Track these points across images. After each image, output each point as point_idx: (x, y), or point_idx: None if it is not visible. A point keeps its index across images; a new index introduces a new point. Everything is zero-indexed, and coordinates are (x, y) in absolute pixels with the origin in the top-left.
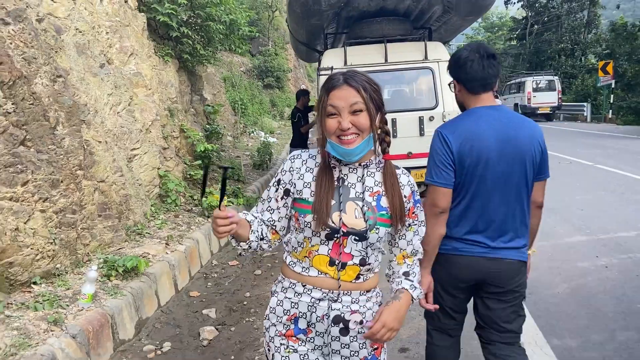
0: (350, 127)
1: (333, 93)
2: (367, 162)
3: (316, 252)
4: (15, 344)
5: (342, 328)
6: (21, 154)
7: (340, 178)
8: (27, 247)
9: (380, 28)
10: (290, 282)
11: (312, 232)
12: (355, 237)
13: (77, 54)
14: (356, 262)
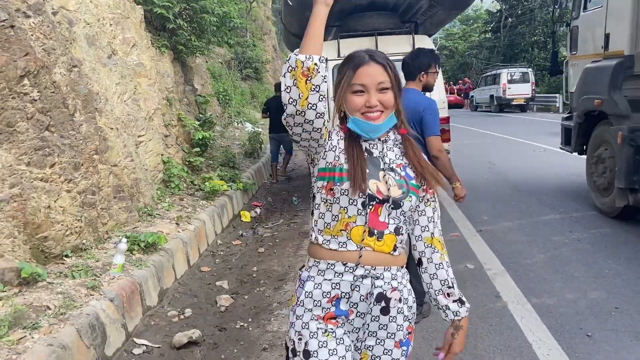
0: (377, 105)
1: (361, 70)
2: (385, 138)
3: (353, 223)
4: (63, 305)
5: (383, 307)
6: (47, 138)
7: (367, 150)
8: (58, 223)
9: (371, 22)
10: (328, 263)
11: (348, 200)
12: (392, 205)
13: (88, 45)
14: (392, 230)
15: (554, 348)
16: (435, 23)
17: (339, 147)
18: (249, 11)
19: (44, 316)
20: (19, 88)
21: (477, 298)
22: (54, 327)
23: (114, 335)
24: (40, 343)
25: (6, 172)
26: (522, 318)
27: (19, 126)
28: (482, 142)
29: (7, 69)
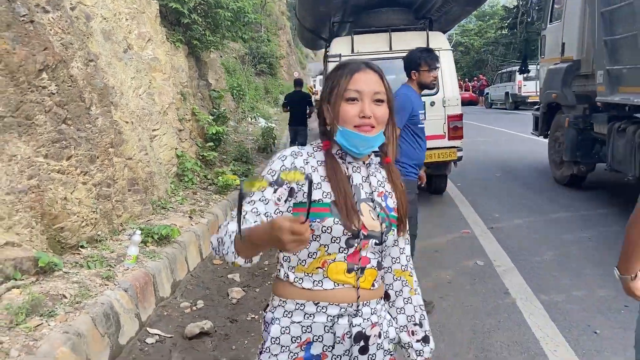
0: (371, 116)
1: (356, 76)
2: (369, 161)
3: (332, 260)
4: (78, 295)
5: (362, 347)
6: (64, 131)
7: (348, 177)
8: (74, 214)
9: (385, 18)
10: (296, 304)
11: (331, 238)
12: (376, 241)
13: (104, 40)
14: (374, 264)
15: (561, 344)
16: (450, 19)
17: (317, 174)
18: (263, 6)
19: (60, 304)
20: (38, 82)
21: (486, 294)
22: (70, 315)
23: (127, 325)
24: (56, 330)
25: (24, 164)
26: (530, 314)
27: (37, 119)
28: (496, 140)
29: (26, 63)
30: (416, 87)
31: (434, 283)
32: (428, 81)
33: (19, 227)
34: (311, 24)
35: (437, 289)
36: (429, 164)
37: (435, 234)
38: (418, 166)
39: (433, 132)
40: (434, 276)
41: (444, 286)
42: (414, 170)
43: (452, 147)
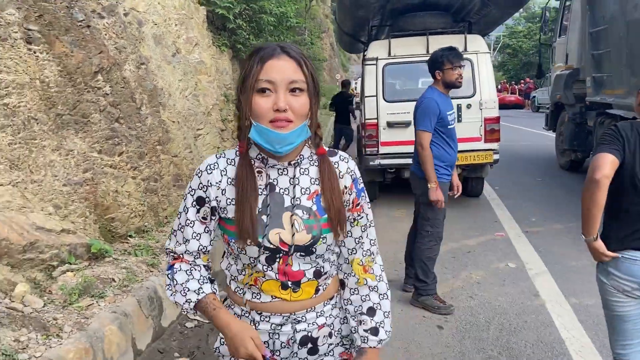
0: (286, 109)
1: (269, 63)
2: (298, 159)
3: (263, 278)
4: (126, 279)
5: (310, 348)
6: (117, 129)
7: (268, 185)
8: (124, 206)
9: (423, 21)
10: (242, 310)
11: (249, 258)
12: (301, 253)
13: (155, 44)
14: (310, 277)
15: (586, 345)
16: (490, 22)
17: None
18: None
19: (109, 287)
20: (94, 83)
21: (515, 296)
22: (118, 297)
23: (169, 309)
24: (105, 310)
25: (80, 158)
26: (558, 316)
27: (92, 117)
28: (540, 144)
29: (83, 65)
30: (442, 88)
31: (463, 283)
32: (453, 79)
33: (74, 215)
34: (350, 28)
35: (466, 289)
36: (465, 166)
37: (468, 235)
38: (450, 167)
39: (469, 134)
40: (463, 276)
41: (472, 286)
42: (446, 172)
43: (489, 150)
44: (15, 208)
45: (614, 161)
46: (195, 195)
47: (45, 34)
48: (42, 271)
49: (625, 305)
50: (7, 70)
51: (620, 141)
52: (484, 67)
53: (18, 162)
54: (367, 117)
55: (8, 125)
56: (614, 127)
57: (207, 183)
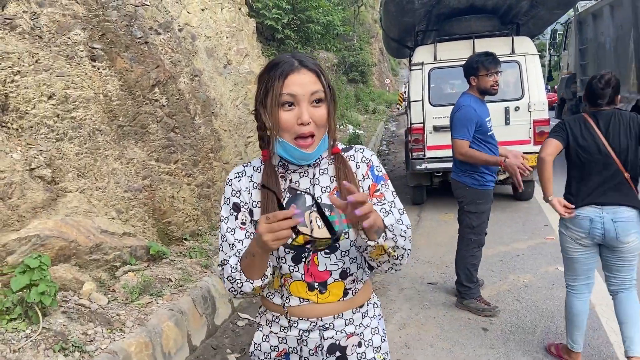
0: (309, 122)
1: (290, 78)
2: (317, 160)
3: (290, 279)
4: (182, 279)
5: (338, 356)
6: (173, 138)
7: (290, 188)
8: (179, 211)
9: (469, 25)
10: (274, 315)
11: (276, 259)
12: (325, 251)
13: (207, 57)
14: (337, 277)
15: None
16: (539, 23)
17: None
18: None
19: (167, 286)
20: (151, 95)
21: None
22: (174, 296)
23: (222, 308)
24: (163, 307)
25: (140, 166)
26: (607, 320)
27: (150, 128)
28: None
29: (142, 79)
30: (477, 94)
31: (510, 286)
32: (488, 86)
33: (134, 220)
34: (396, 34)
35: (513, 292)
36: None
37: (517, 239)
38: (494, 174)
39: (518, 137)
40: (511, 279)
41: (520, 289)
42: (491, 178)
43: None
44: (82, 213)
45: (557, 144)
46: (231, 203)
47: (108, 51)
48: (106, 271)
49: (577, 250)
50: (74, 86)
51: (564, 130)
52: (533, 68)
53: (84, 170)
54: (413, 121)
55: (75, 136)
56: (561, 121)
57: (238, 189)
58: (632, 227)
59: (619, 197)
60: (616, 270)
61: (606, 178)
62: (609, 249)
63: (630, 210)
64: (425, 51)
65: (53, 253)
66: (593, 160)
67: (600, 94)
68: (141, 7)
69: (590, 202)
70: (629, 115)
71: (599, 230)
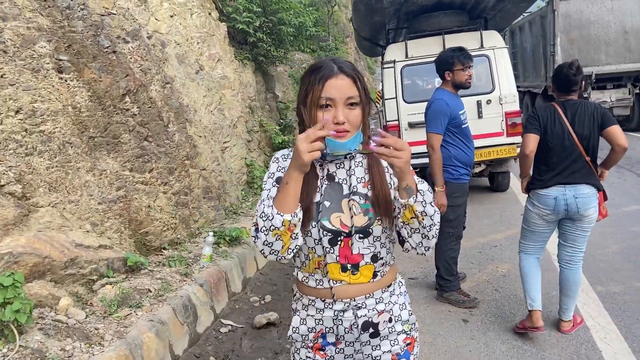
0: (344, 122)
1: (329, 83)
2: (352, 153)
3: (324, 261)
4: (161, 289)
5: (372, 332)
6: (146, 147)
7: (329, 175)
8: (157, 220)
9: (438, 21)
10: (309, 299)
11: (313, 240)
12: (360, 235)
13: (178, 63)
14: (368, 260)
15: (611, 332)
16: (506, 17)
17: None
18: (330, 15)
19: (146, 297)
20: (122, 105)
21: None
22: (154, 306)
23: (204, 316)
24: (143, 319)
25: (113, 177)
26: (584, 305)
27: (122, 137)
28: None
29: (111, 89)
30: (451, 88)
31: (489, 277)
32: (463, 80)
33: (110, 232)
34: (368, 33)
35: (492, 282)
36: (489, 161)
37: (494, 230)
38: (469, 167)
39: (491, 129)
40: (490, 269)
41: (499, 279)
42: (466, 172)
43: (512, 144)
44: (55, 227)
45: (535, 138)
46: (275, 177)
47: (75, 62)
48: (83, 285)
49: (540, 225)
50: (41, 100)
51: (537, 120)
52: (502, 62)
53: (56, 184)
54: (388, 119)
55: (45, 150)
56: (533, 111)
57: (284, 167)
58: (591, 202)
59: (580, 178)
60: (572, 240)
61: (570, 162)
62: (571, 220)
63: (589, 188)
64: (397, 49)
65: (27, 270)
66: (560, 146)
67: (574, 80)
68: (107, 16)
69: (555, 182)
70: (593, 105)
71: (562, 206)
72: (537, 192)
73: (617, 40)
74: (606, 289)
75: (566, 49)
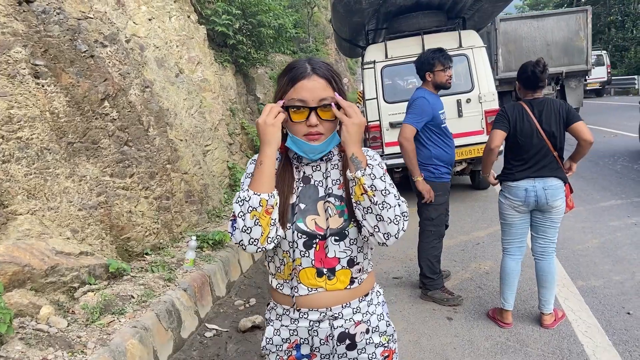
0: (317, 124)
1: (301, 84)
2: (329, 156)
3: (300, 266)
4: (144, 295)
5: (348, 344)
6: (126, 152)
7: (305, 178)
8: (138, 225)
9: (417, 21)
10: (284, 309)
11: (288, 243)
12: (335, 238)
13: (158, 67)
14: (344, 264)
15: (592, 325)
16: (484, 17)
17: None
18: (310, 17)
19: (129, 304)
20: (101, 109)
21: (523, 282)
22: (137, 312)
23: (188, 320)
24: (126, 325)
25: (93, 183)
26: (565, 299)
27: (102, 143)
28: None
29: (89, 93)
30: (432, 89)
31: (472, 274)
32: (444, 80)
33: (91, 238)
34: (347, 34)
35: (475, 280)
36: (470, 160)
37: (476, 228)
38: (450, 166)
39: (471, 128)
40: (472, 267)
41: (481, 276)
42: (447, 170)
43: None
44: (34, 235)
45: (502, 134)
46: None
47: (52, 67)
48: (64, 293)
49: (513, 216)
50: (18, 106)
51: (506, 118)
52: (481, 61)
53: (34, 191)
54: (369, 119)
55: (23, 157)
56: (502, 109)
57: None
58: (558, 194)
59: (549, 171)
60: (543, 232)
61: (540, 157)
62: (540, 212)
63: (557, 180)
64: (376, 49)
65: (6, 279)
66: (529, 142)
67: (541, 77)
68: (84, 20)
69: (525, 176)
70: (558, 103)
71: (532, 198)
72: (509, 184)
73: (542, 50)
74: (586, 283)
75: (505, 57)
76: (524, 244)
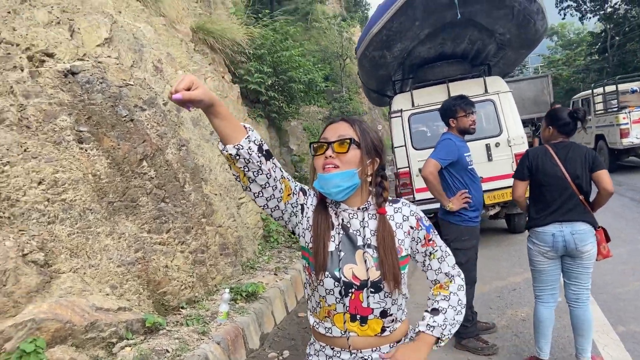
0: (333, 156)
1: (328, 128)
2: (366, 205)
3: (334, 311)
4: (179, 349)
5: None
6: (163, 209)
7: (343, 226)
8: (174, 279)
9: (441, 71)
10: (320, 345)
11: (325, 290)
12: (371, 289)
13: (193, 126)
14: (377, 314)
15: None
16: (509, 63)
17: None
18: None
19: (164, 358)
20: (139, 169)
21: (561, 330)
22: None
23: None
24: None
25: (132, 240)
26: (605, 346)
27: (140, 201)
28: None
29: (129, 155)
30: (457, 133)
31: (509, 322)
32: (467, 126)
33: (129, 293)
34: (375, 86)
35: (511, 327)
36: (503, 203)
37: (513, 272)
38: (478, 209)
39: (502, 172)
40: (509, 314)
41: (518, 324)
42: (475, 215)
43: None
44: (76, 292)
45: (521, 183)
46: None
47: (94, 132)
48: (102, 348)
49: (543, 263)
50: (62, 170)
51: (525, 165)
52: (507, 105)
53: (77, 250)
54: (399, 166)
55: (66, 218)
56: (524, 154)
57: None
58: (587, 238)
59: (576, 215)
60: (575, 278)
61: (564, 200)
62: (571, 258)
63: (585, 225)
64: (403, 98)
65: (49, 335)
66: (554, 185)
67: (575, 127)
68: (125, 87)
69: (552, 220)
70: (585, 148)
71: (560, 243)
72: (536, 230)
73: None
74: (627, 328)
75: None
76: (556, 291)
